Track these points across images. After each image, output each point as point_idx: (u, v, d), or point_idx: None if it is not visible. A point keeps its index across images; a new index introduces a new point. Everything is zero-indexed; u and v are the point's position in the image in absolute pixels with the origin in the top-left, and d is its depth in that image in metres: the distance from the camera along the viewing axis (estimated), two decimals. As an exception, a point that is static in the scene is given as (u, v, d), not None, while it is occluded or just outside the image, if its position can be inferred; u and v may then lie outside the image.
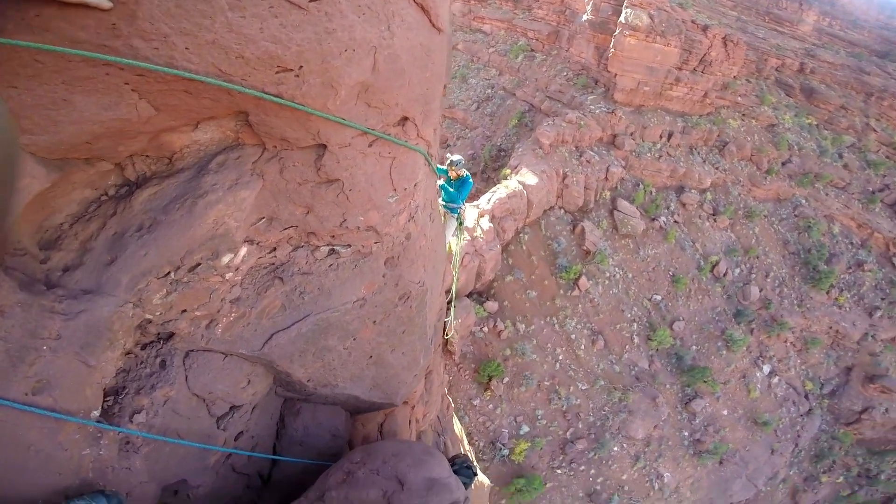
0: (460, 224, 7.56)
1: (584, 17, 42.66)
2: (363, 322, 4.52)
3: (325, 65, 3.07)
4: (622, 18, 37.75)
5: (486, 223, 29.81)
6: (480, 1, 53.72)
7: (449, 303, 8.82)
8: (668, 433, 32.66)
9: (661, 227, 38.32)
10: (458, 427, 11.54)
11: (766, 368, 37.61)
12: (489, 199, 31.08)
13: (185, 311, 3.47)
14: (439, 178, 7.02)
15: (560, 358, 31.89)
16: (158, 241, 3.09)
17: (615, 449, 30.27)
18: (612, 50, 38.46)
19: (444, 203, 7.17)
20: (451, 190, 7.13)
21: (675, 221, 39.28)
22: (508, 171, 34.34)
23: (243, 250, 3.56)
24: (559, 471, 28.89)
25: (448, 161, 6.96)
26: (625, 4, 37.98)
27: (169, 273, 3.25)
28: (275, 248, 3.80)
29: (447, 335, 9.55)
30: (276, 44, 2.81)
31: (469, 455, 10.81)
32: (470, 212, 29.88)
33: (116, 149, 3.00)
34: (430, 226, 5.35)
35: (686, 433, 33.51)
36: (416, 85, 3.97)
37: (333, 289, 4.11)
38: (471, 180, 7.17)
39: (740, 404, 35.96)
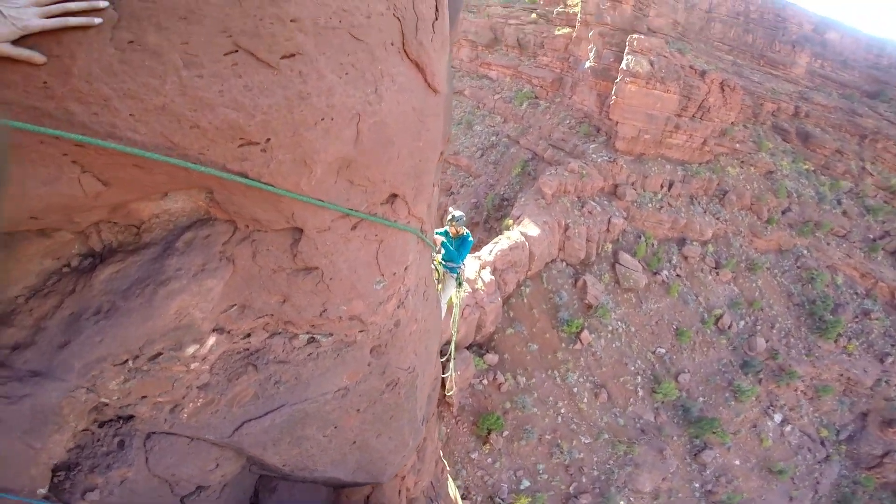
0: (460, 285, 7.33)
1: (587, 64, 43.67)
2: (345, 411, 4.20)
3: (297, 137, 2.61)
4: (623, 65, 38.56)
5: (487, 275, 29.72)
6: (488, 47, 55.24)
7: (448, 359, 8.70)
8: (677, 485, 31.34)
9: (664, 280, 38.18)
10: (452, 491, 11.10)
11: (778, 417, 36.57)
12: (491, 251, 31.14)
13: (145, 396, 3.18)
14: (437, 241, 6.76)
15: (562, 411, 31.06)
16: (115, 328, 2.81)
17: (622, 503, 28.95)
18: (614, 97, 39.12)
19: (442, 262, 6.97)
20: (451, 248, 6.92)
21: (678, 275, 39.13)
22: (511, 221, 34.59)
23: (211, 340, 3.25)
24: None
25: (449, 217, 6.81)
26: (626, 51, 38.87)
27: (127, 361, 2.97)
28: (248, 335, 3.50)
29: (447, 393, 9.34)
30: (238, 111, 2.34)
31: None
32: (471, 263, 29.90)
33: (72, 220, 2.66)
34: (424, 305, 4.95)
35: (697, 484, 32.16)
36: (406, 157, 3.54)
37: (312, 379, 3.79)
38: (471, 238, 6.97)
39: (753, 454, 34.73)
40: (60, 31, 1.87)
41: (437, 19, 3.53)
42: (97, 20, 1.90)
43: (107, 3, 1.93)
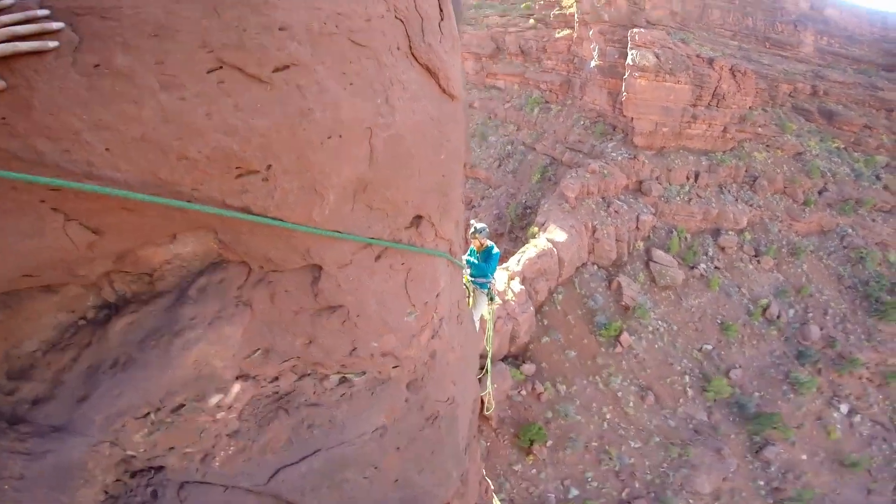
0: (491, 300, 7.13)
1: (593, 64, 43.42)
2: (385, 451, 3.96)
3: (303, 161, 2.33)
4: (629, 60, 38.16)
5: (517, 285, 29.33)
6: (491, 57, 55.37)
7: (484, 376, 8.36)
8: (739, 485, 29.71)
9: (702, 274, 36.90)
10: None
11: (844, 408, 34.36)
12: (518, 261, 30.75)
13: (172, 448, 3.05)
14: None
15: (607, 417, 30.14)
16: (133, 381, 2.70)
17: (680, 505, 27.57)
18: (625, 93, 38.70)
19: (471, 278, 6.67)
20: (478, 262, 6.67)
21: (717, 267, 37.76)
22: (536, 228, 34.18)
23: (236, 388, 3.09)
24: None
25: (472, 230, 6.58)
26: (629, 46, 38.54)
27: (148, 414, 2.85)
28: (276, 378, 3.33)
29: (486, 411, 9.03)
30: (231, 135, 2.06)
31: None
32: (499, 275, 29.56)
33: (75, 274, 2.48)
34: (459, 331, 4.72)
35: (762, 482, 30.40)
36: (428, 172, 3.25)
37: (347, 420, 3.59)
38: (496, 251, 6.71)
39: (821, 447, 32.67)
40: (11, 58, 1.65)
41: (443, 19, 3.29)
42: (52, 44, 1.68)
43: (61, 25, 1.71)
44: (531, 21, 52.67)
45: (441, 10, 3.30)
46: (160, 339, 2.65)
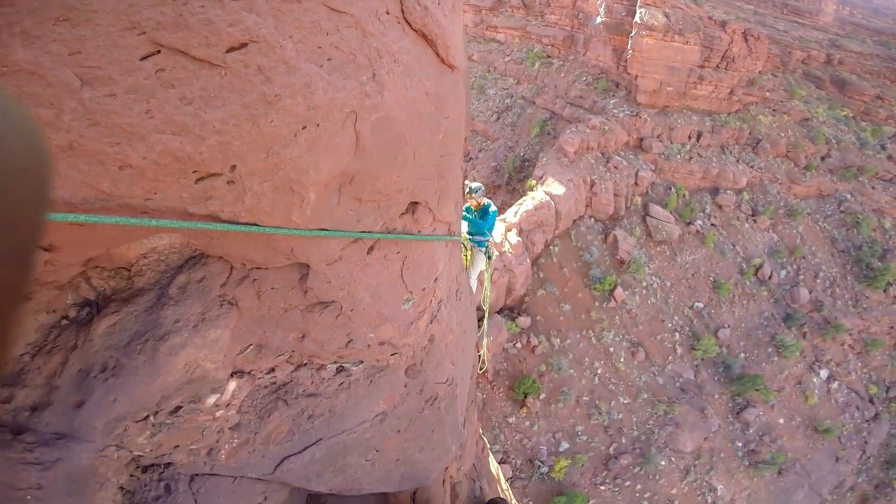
0: (489, 258, 6.99)
1: (598, 20, 41.89)
2: (385, 434, 4.00)
3: (274, 158, 1.97)
4: (637, 19, 36.97)
5: (513, 237, 29.17)
6: (492, 10, 53.10)
7: (481, 335, 8.32)
8: (719, 445, 31.11)
9: (698, 231, 36.79)
10: (493, 466, 11.11)
11: (824, 373, 35.45)
12: (516, 212, 30.44)
13: (177, 446, 3.05)
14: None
15: (599, 372, 30.89)
16: (125, 387, 2.61)
17: (662, 463, 28.94)
18: (631, 51, 37.57)
19: (468, 236, 6.50)
20: (475, 219, 6.46)
21: (713, 224, 37.66)
22: (534, 181, 33.66)
23: (232, 385, 3.03)
24: (602, 487, 27.82)
25: (467, 190, 6.31)
26: (638, 4, 37.22)
27: (148, 417, 2.81)
28: (272, 370, 3.26)
29: (481, 368, 9.11)
30: (179, 134, 1.72)
31: (507, 495, 10.38)
32: (496, 227, 29.34)
33: (43, 282, 2.28)
34: (458, 307, 4.60)
35: (740, 444, 31.86)
36: (425, 155, 2.91)
37: (347, 409, 3.56)
38: (493, 209, 6.47)
39: (798, 412, 34.01)
40: None
41: None
42: None
43: None
44: (534, -26, 49.92)
45: (438, -35, 2.84)
46: (145, 343, 2.52)
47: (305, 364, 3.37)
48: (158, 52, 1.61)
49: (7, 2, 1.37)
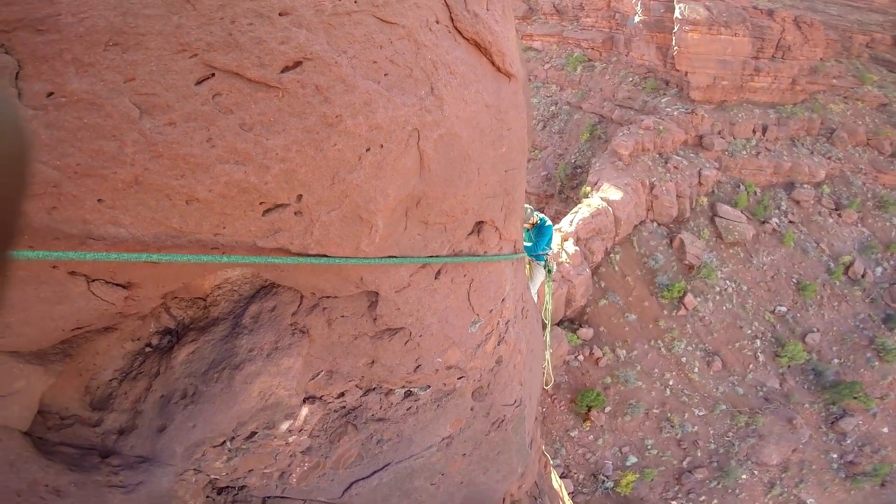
0: (549, 271, 6.87)
1: (637, 19, 40.63)
2: (451, 458, 3.98)
3: (340, 184, 1.89)
4: (677, 14, 35.63)
5: (570, 247, 28.42)
6: (525, 19, 52.83)
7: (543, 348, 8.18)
8: (810, 456, 28.34)
9: (775, 229, 34.13)
10: (556, 483, 10.72)
11: (934, 377, 31.54)
12: (571, 221, 29.67)
13: (251, 470, 3.14)
14: None
15: (670, 383, 29.19)
16: (204, 413, 2.72)
17: (744, 477, 26.67)
18: (676, 48, 36.16)
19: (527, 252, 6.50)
20: (532, 238, 6.33)
21: (791, 221, 34.82)
22: (588, 188, 32.73)
23: (304, 411, 3.12)
24: (674, 502, 26.05)
25: None
26: (676, 0, 35.84)
27: (224, 442, 2.92)
28: (342, 394, 3.34)
29: (544, 385, 8.86)
30: (244, 164, 1.65)
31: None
32: (553, 239, 28.73)
33: (126, 316, 2.35)
34: (525, 326, 4.56)
35: (834, 455, 28.86)
36: (489, 172, 2.83)
37: (415, 434, 3.60)
38: (549, 224, 6.35)
39: (905, 420, 30.39)
40: None
41: None
42: None
43: None
44: (564, -21, 49.50)
45: (483, -31, 2.73)
46: (222, 371, 2.62)
47: (374, 389, 3.42)
48: (213, 75, 1.56)
49: (53, 28, 1.33)
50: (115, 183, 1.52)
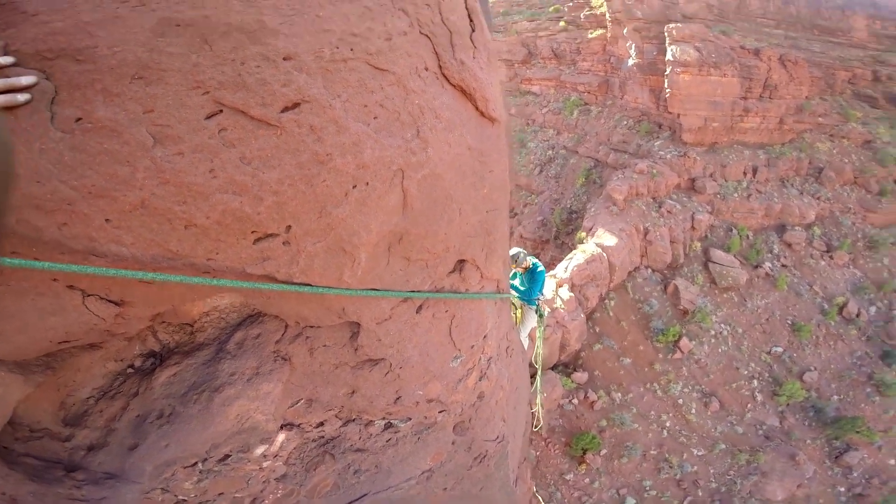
0: (541, 317, 6.84)
1: (631, 62, 41.76)
2: (431, 492, 3.94)
3: (326, 218, 2.04)
4: (668, 56, 36.60)
5: (565, 293, 28.46)
6: (524, 63, 54.29)
7: (534, 393, 8.01)
8: (816, 491, 27.25)
9: (768, 273, 34.36)
10: None
11: (936, 408, 30.97)
12: (566, 267, 29.85)
13: (222, 493, 3.07)
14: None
15: (667, 425, 28.61)
16: (178, 433, 2.73)
17: (748, 514, 25.66)
18: (668, 90, 37.04)
19: (519, 297, 6.46)
20: (525, 284, 6.46)
21: (784, 265, 35.11)
22: (583, 233, 33.13)
23: (280, 437, 3.11)
24: None
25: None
26: (667, 42, 37.00)
27: (196, 463, 2.89)
28: (322, 424, 3.34)
29: (535, 428, 8.71)
30: (240, 195, 1.79)
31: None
32: (547, 283, 28.81)
33: (113, 334, 2.39)
34: (509, 364, 4.61)
35: (842, 489, 27.78)
36: (471, 212, 2.95)
37: (393, 466, 3.58)
38: (541, 269, 6.48)
39: (911, 452, 29.58)
40: None
41: (474, 31, 2.93)
42: (21, 97, 1.42)
43: (32, 79, 1.44)
44: (562, 23, 51.28)
45: (471, 21, 2.92)
46: (201, 394, 2.65)
47: (354, 419, 3.42)
48: (221, 111, 1.71)
49: (90, 58, 1.48)
50: (124, 205, 1.66)
